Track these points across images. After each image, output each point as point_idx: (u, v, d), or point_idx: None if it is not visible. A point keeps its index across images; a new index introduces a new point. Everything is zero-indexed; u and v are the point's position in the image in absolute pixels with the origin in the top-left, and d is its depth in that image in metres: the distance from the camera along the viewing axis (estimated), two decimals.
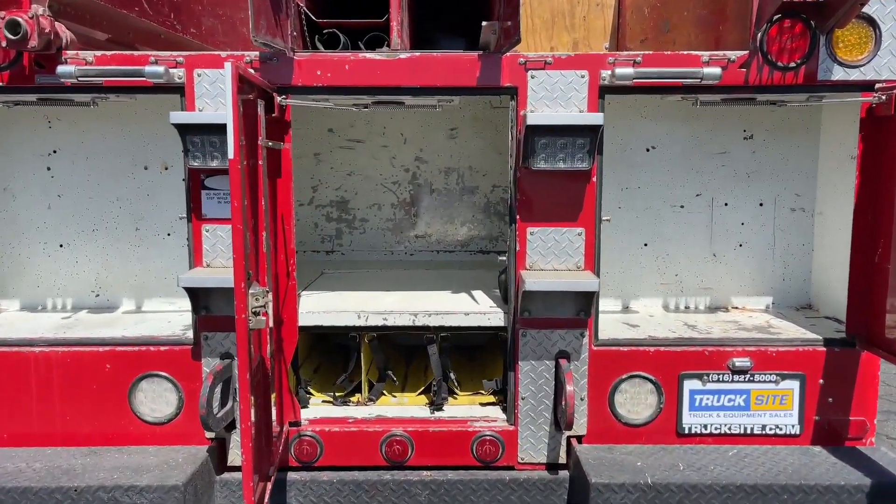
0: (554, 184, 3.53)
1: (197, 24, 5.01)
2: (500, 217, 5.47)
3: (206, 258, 3.62)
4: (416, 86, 3.52)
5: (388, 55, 3.50)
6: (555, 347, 3.65)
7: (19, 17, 3.19)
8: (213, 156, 3.40)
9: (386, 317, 3.79)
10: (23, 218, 4.30)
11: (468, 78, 3.51)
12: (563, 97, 3.49)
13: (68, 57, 3.46)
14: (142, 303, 4.40)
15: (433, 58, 3.50)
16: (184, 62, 3.48)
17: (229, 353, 3.67)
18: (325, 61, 3.50)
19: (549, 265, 3.61)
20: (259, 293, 2.56)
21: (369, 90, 3.54)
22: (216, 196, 3.59)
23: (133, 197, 4.30)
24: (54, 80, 3.47)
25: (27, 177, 4.26)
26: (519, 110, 3.52)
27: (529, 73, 3.48)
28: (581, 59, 3.48)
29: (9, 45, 3.22)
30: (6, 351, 3.68)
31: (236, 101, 2.31)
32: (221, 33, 5.59)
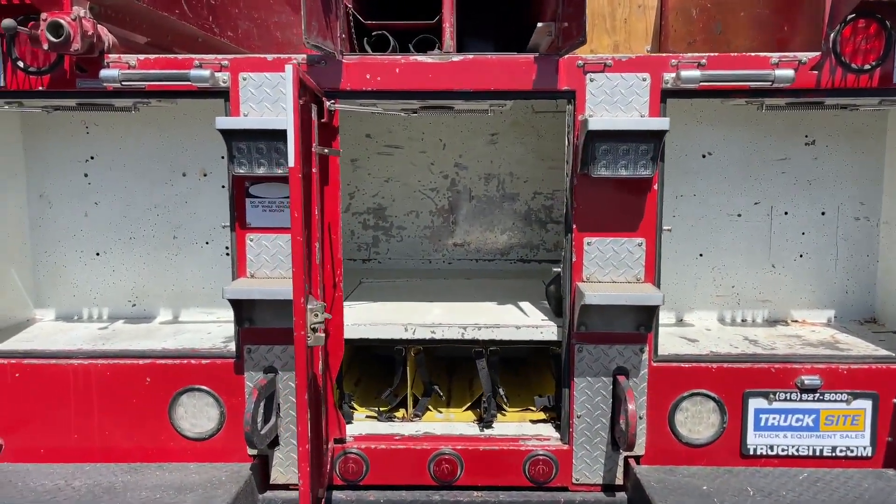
0: (614, 192, 3.37)
1: (234, 27, 4.91)
2: (541, 225, 5.31)
3: (249, 268, 3.49)
4: (469, 90, 3.38)
5: (440, 58, 3.36)
6: (612, 363, 3.49)
7: (62, 20, 3.09)
8: (259, 163, 3.28)
9: (434, 330, 3.64)
10: (59, 225, 4.20)
11: (523, 81, 3.36)
12: (624, 101, 3.33)
13: (110, 61, 3.35)
14: (179, 313, 4.29)
15: (487, 60, 3.36)
16: (228, 65, 3.37)
17: (273, 367, 3.54)
18: (374, 64, 3.37)
19: (607, 277, 3.44)
20: (317, 308, 2.43)
21: (420, 94, 3.40)
22: (261, 204, 3.46)
23: (171, 204, 4.19)
24: (96, 85, 3.37)
25: (64, 183, 4.17)
26: (577, 115, 3.36)
27: (588, 75, 3.33)
28: (642, 61, 3.32)
29: (51, 47, 3.11)
30: (44, 363, 3.57)
31: (297, 107, 2.18)
32: (256, 37, 5.49)
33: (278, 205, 3.46)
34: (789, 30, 3.65)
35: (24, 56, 3.37)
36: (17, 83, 3.39)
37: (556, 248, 5.32)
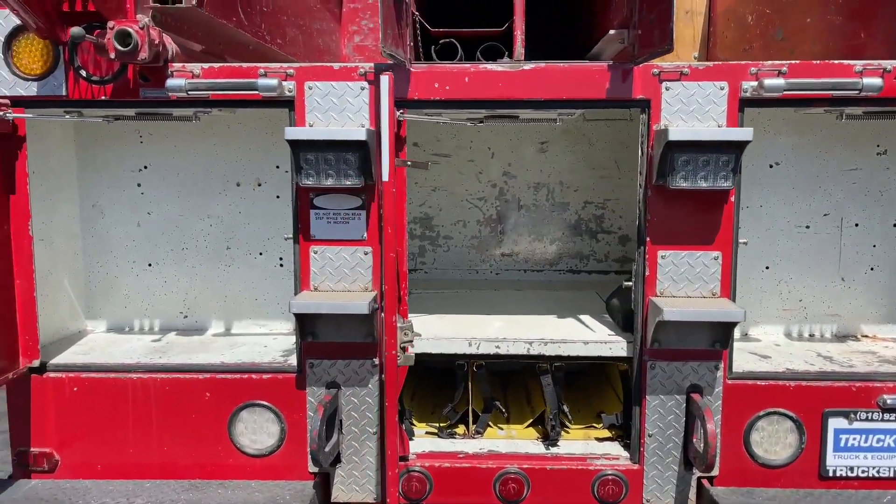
0: (691, 204, 3.27)
1: (282, 34, 4.84)
2: (591, 235, 5.21)
3: (313, 281, 3.42)
4: (540, 98, 3.29)
5: (510, 66, 3.27)
6: (686, 381, 3.38)
7: (130, 28, 3.03)
8: (327, 174, 3.20)
9: (499, 345, 3.55)
10: (111, 236, 4.14)
11: (596, 90, 3.27)
12: (700, 110, 3.23)
13: (175, 70, 3.29)
14: (231, 325, 4.21)
15: (559, 69, 3.27)
16: (294, 74, 3.30)
17: (335, 383, 3.46)
18: (443, 73, 3.29)
19: (682, 292, 3.34)
20: (407, 327, 2.34)
21: (489, 103, 3.32)
22: (325, 216, 3.38)
23: (224, 214, 4.13)
24: (160, 94, 3.31)
25: (117, 193, 4.11)
26: (651, 124, 3.27)
27: (664, 84, 3.23)
28: (720, 69, 3.22)
29: (118, 56, 3.05)
30: (103, 377, 3.51)
31: (393, 118, 2.09)
32: (301, 44, 5.44)
33: (343, 216, 3.38)
34: (866, 36, 3.54)
35: (86, 65, 3.32)
36: (80, 92, 3.34)
37: (606, 259, 5.22)
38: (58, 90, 3.33)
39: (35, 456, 3.54)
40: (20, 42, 3.30)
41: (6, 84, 3.32)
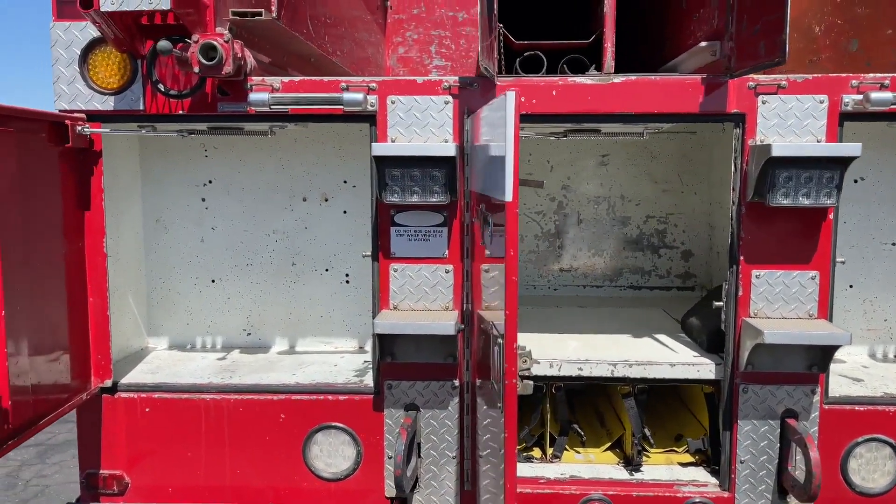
0: (789, 221, 3.15)
1: (340, 46, 4.77)
2: (653, 250, 5.09)
3: (392, 300, 3.32)
4: (630, 112, 3.19)
5: (600, 79, 3.17)
6: (781, 405, 3.25)
7: (215, 41, 2.95)
8: (412, 191, 3.11)
9: (581, 366, 3.43)
10: (175, 251, 4.07)
11: (689, 104, 3.16)
12: (799, 125, 3.12)
13: (254, 83, 3.22)
14: (295, 342, 4.12)
15: (651, 82, 3.17)
16: (377, 88, 3.21)
17: (414, 405, 3.35)
18: (530, 86, 3.19)
19: (777, 312, 3.21)
20: (526, 354, 2.24)
21: (577, 117, 3.22)
22: (406, 233, 3.29)
23: (290, 230, 4.05)
24: (238, 108, 3.24)
25: (181, 208, 4.04)
26: (746, 139, 3.15)
27: (760, 98, 3.12)
28: (820, 82, 3.11)
29: (202, 70, 2.98)
30: (175, 398, 3.42)
31: (518, 136, 2.00)
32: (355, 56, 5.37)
33: (424, 233, 3.28)
34: None
35: (164, 79, 3.25)
36: (157, 107, 3.26)
37: (668, 275, 5.10)
38: (135, 104, 3.26)
39: (105, 478, 3.45)
40: (97, 55, 3.23)
41: (82, 98, 3.26)
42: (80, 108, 3.25)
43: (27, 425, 2.80)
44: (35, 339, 2.89)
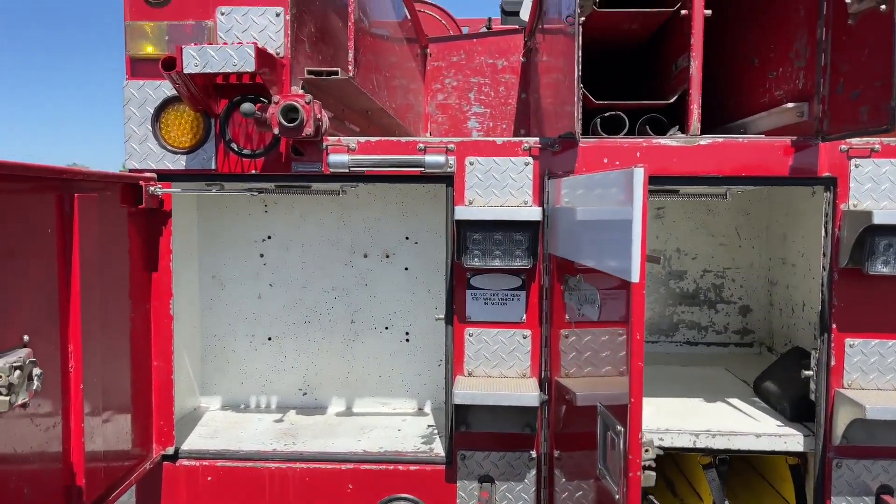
0: (885, 289, 3.03)
1: (393, 97, 4.74)
2: (710, 305, 4.96)
3: (467, 366, 3.20)
4: (717, 175, 3.10)
5: (685, 141, 3.09)
6: (876, 481, 3.09)
7: (297, 103, 2.88)
8: (494, 255, 3.01)
9: (662, 436, 3.29)
10: (231, 308, 3.96)
11: (778, 167, 3.07)
12: (893, 189, 3.02)
13: (330, 144, 3.15)
14: (352, 402, 3.99)
15: (738, 144, 3.08)
16: (455, 149, 3.13)
17: (488, 476, 3.20)
18: (614, 148, 3.11)
19: (872, 384, 3.08)
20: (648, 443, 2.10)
21: (662, 179, 3.13)
22: (482, 297, 3.18)
23: (350, 286, 3.94)
24: (313, 168, 3.16)
25: (239, 264, 3.94)
26: (838, 203, 3.05)
27: (852, 161, 3.03)
28: None
29: (282, 132, 2.90)
30: (238, 466, 3.28)
31: (646, 212, 1.90)
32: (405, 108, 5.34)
33: (501, 297, 3.18)
34: None
35: (237, 138, 3.18)
36: (230, 166, 3.19)
37: (726, 330, 4.96)
38: (207, 164, 3.19)
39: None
40: (170, 114, 3.17)
41: (154, 157, 3.19)
42: (151, 168, 3.18)
43: (99, 501, 2.67)
44: (105, 407, 2.77)
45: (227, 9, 3.10)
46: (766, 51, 3.59)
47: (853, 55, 2.79)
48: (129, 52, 3.11)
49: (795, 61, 3.27)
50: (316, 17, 3.51)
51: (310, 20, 3.41)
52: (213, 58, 2.79)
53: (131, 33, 3.08)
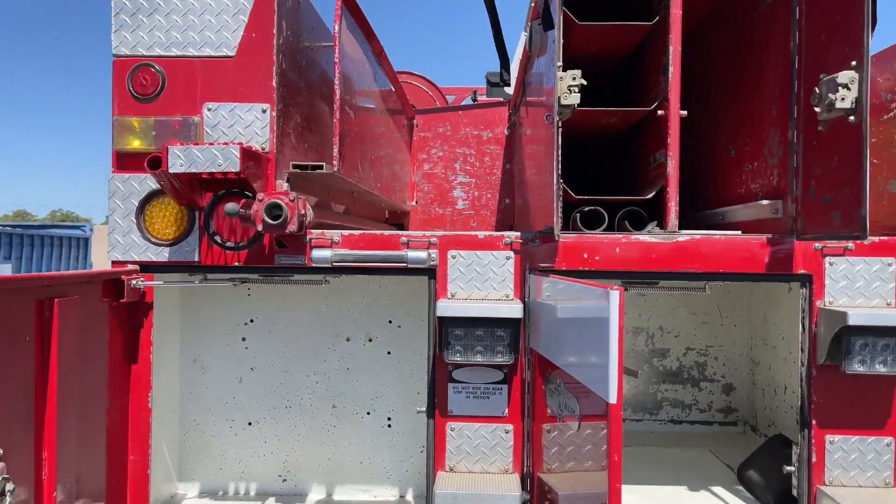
0: (862, 386, 3.06)
1: (379, 176, 4.80)
2: (693, 383, 4.97)
3: (449, 461, 3.17)
4: (694, 271, 3.14)
5: (664, 238, 3.15)
6: None
7: (281, 201, 2.92)
8: (475, 350, 3.01)
9: None
10: (211, 392, 3.92)
11: (755, 263, 3.13)
12: (867, 287, 3.07)
13: (313, 237, 3.17)
14: (333, 489, 3.92)
15: (715, 241, 3.14)
16: (437, 243, 3.17)
17: None
18: (593, 244, 3.16)
19: (853, 480, 3.08)
20: None
21: (640, 274, 3.17)
22: (464, 390, 3.17)
23: (331, 370, 3.92)
24: (296, 261, 3.18)
25: (220, 348, 3.92)
26: (814, 300, 3.10)
27: (827, 259, 3.09)
28: (886, 245, 3.09)
29: (265, 228, 2.93)
30: None
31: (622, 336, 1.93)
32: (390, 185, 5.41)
33: (483, 391, 3.17)
34: None
35: (220, 230, 3.20)
36: (213, 258, 3.20)
37: (710, 409, 4.96)
38: (190, 256, 3.20)
39: None
40: (154, 207, 3.20)
41: (137, 249, 3.20)
42: (133, 259, 3.18)
43: None
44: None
45: (214, 105, 3.15)
46: (742, 143, 3.69)
47: (824, 160, 2.88)
48: (116, 146, 3.14)
49: (769, 158, 3.36)
50: (302, 108, 3.58)
51: (295, 112, 3.48)
52: (198, 158, 2.83)
53: (119, 128, 3.12)
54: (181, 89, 3.15)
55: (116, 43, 3.16)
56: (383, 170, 5.09)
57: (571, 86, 2.76)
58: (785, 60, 3.17)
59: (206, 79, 3.16)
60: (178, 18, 3.16)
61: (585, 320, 2.28)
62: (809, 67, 2.98)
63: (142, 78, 3.13)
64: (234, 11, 3.16)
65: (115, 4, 3.16)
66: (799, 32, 3.06)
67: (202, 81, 3.16)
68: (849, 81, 2.62)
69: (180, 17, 3.16)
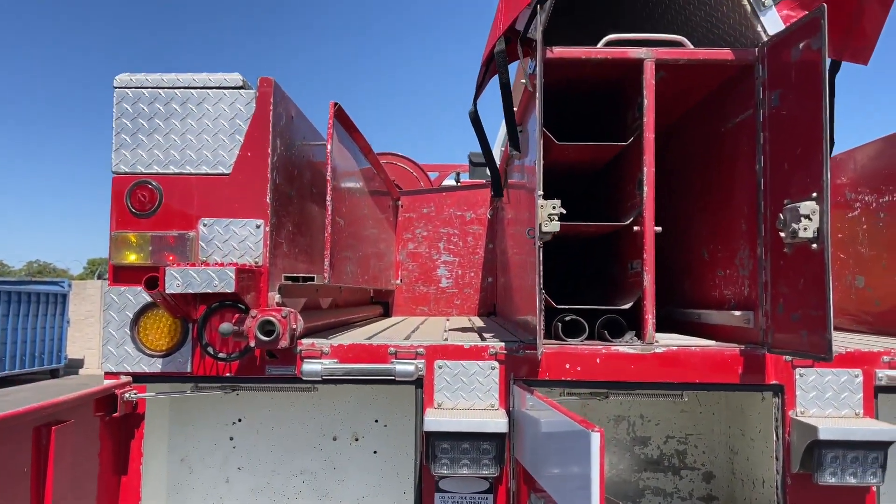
0: (837, 497, 3.16)
1: (365, 267, 4.92)
2: (674, 471, 5.04)
3: None
4: (672, 381, 3.27)
5: (642, 349, 3.28)
6: None
7: (273, 318, 3.02)
8: (462, 463, 3.08)
9: None
10: (197, 493, 3.93)
11: (729, 374, 3.26)
12: (836, 398, 3.21)
13: (304, 348, 3.26)
14: None
15: (691, 352, 3.28)
16: (424, 353, 3.27)
17: None
18: (575, 354, 3.28)
19: None
20: None
21: (620, 385, 3.29)
22: (451, 500, 3.23)
23: (318, 470, 3.96)
24: (286, 372, 3.26)
25: (208, 447, 3.95)
26: (786, 410, 3.23)
27: (797, 370, 3.23)
28: (853, 357, 3.24)
29: (258, 344, 3.03)
30: None
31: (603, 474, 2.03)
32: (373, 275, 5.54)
33: (469, 500, 3.23)
34: None
35: (213, 342, 3.29)
36: (205, 369, 3.28)
37: (691, 497, 5.01)
38: (182, 367, 3.27)
39: None
40: (148, 318, 3.28)
41: (130, 361, 3.27)
42: (126, 371, 3.25)
43: None
44: None
45: (210, 220, 3.28)
46: (715, 249, 3.87)
47: (791, 280, 3.05)
48: (113, 260, 3.24)
49: (740, 268, 3.53)
50: (294, 215, 3.71)
51: (287, 221, 3.61)
52: (195, 279, 2.94)
53: (116, 243, 3.23)
54: (178, 205, 3.28)
55: (116, 161, 3.30)
56: (371, 260, 5.22)
57: (552, 214, 2.92)
58: (751, 180, 3.37)
59: (202, 195, 3.29)
60: (176, 138, 3.31)
61: (567, 451, 2.38)
62: (774, 190, 3.17)
63: (140, 195, 3.25)
64: (230, 132, 3.31)
65: (117, 125, 3.30)
66: (764, 157, 3.27)
67: (198, 198, 3.29)
68: (810, 213, 2.80)
69: (178, 137, 3.31)
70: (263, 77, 3.34)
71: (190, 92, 3.33)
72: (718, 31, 3.62)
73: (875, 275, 4.44)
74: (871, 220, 4.43)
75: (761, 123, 3.29)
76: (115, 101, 3.32)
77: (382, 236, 6.10)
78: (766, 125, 3.26)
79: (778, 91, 3.17)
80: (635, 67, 3.40)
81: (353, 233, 4.27)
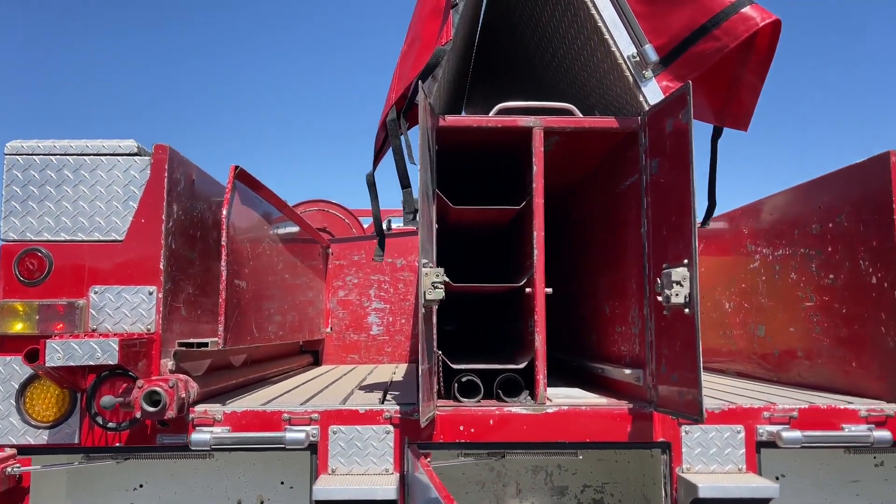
0: None
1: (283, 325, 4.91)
2: None
3: None
4: (565, 441, 3.33)
5: (534, 409, 3.34)
6: None
7: (159, 388, 3.00)
8: None
9: None
10: None
11: (619, 433, 3.34)
12: (720, 453, 3.31)
13: (195, 416, 3.24)
14: None
15: (581, 412, 3.35)
16: (319, 419, 3.28)
17: None
18: (468, 416, 3.32)
19: None
20: None
21: (514, 445, 3.34)
22: None
23: None
24: (178, 440, 3.22)
25: None
26: (674, 466, 3.31)
27: (682, 427, 3.33)
28: (735, 413, 3.35)
29: (144, 415, 3.00)
30: None
31: None
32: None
33: None
34: (857, 366, 3.77)
35: (102, 411, 3.24)
36: (94, 439, 3.22)
37: None
38: (70, 438, 3.21)
39: None
40: (35, 388, 3.22)
41: (15, 433, 3.20)
42: (11, 443, 3.17)
43: None
44: None
45: (101, 288, 3.26)
46: (614, 306, 3.98)
47: (670, 341, 3.16)
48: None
49: (632, 326, 3.64)
50: (194, 277, 3.70)
51: (187, 284, 3.60)
52: (77, 351, 2.91)
53: (2, 312, 3.18)
54: (68, 273, 3.25)
55: (5, 228, 3.26)
56: (289, 314, 5.21)
57: (436, 283, 2.99)
58: (638, 241, 3.50)
59: (93, 262, 3.27)
60: (68, 205, 3.30)
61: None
62: (656, 253, 3.30)
63: (28, 263, 3.22)
64: (124, 198, 3.31)
65: (7, 192, 3.27)
66: (647, 221, 3.40)
67: (90, 265, 3.27)
68: (681, 279, 2.92)
69: (71, 204, 3.30)
70: (158, 144, 3.36)
71: (83, 159, 3.32)
72: (609, 97, 3.78)
73: (773, 324, 4.61)
74: (769, 272, 4.62)
75: (645, 189, 3.43)
76: (5, 167, 3.30)
77: (311, 285, 6.10)
78: (648, 191, 3.40)
79: (657, 159, 3.31)
80: (526, 134, 3.53)
81: (260, 291, 4.27)
